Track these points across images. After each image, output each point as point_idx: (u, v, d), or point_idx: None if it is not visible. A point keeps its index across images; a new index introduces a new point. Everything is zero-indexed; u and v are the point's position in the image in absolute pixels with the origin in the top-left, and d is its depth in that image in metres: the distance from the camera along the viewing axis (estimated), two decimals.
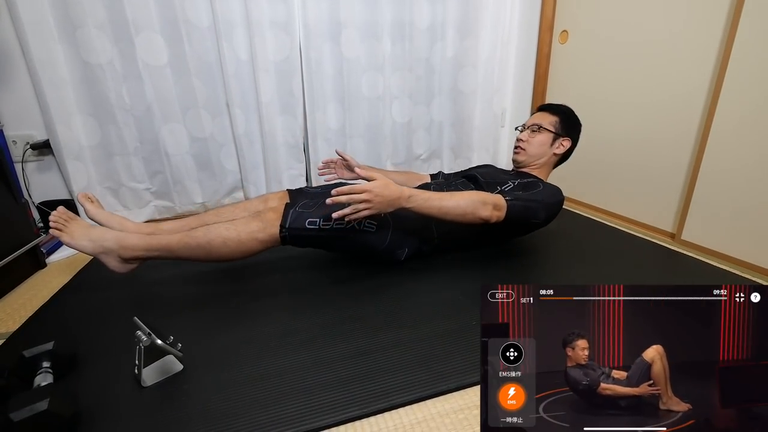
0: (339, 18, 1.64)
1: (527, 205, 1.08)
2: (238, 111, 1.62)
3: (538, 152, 1.27)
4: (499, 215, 1.04)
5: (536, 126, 1.26)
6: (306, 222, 1.01)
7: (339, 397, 0.69)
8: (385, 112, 1.83)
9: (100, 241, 0.98)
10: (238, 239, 0.98)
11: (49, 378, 0.70)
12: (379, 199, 0.90)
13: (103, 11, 1.38)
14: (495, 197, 1.04)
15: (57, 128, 1.41)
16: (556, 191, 1.17)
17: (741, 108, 1.18)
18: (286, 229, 1.00)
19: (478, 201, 1.01)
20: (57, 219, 0.99)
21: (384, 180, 0.92)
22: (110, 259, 0.99)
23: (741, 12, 1.15)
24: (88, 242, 0.98)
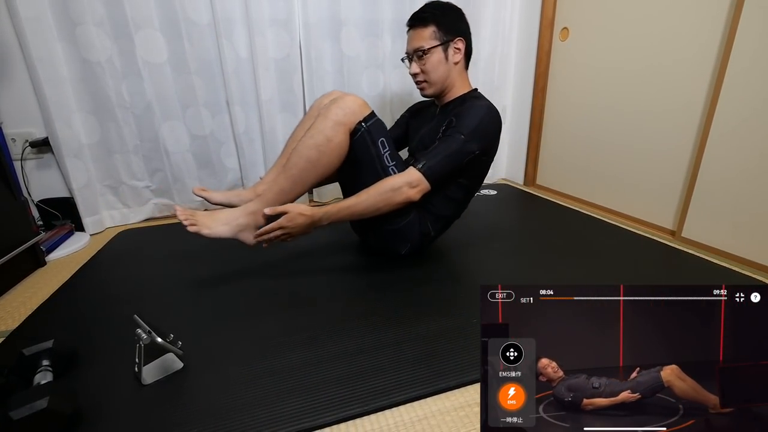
0: (339, 16, 1.63)
1: (446, 154, 1.01)
2: (238, 109, 1.61)
3: (440, 75, 1.12)
4: (421, 188, 1.01)
5: (420, 51, 1.11)
6: (380, 139, 1.02)
7: (340, 394, 0.69)
8: (385, 109, 1.83)
9: (233, 221, 1.01)
10: (326, 138, 0.98)
11: (48, 376, 0.70)
12: (295, 229, 0.98)
13: (103, 8, 1.37)
14: (404, 176, 1.00)
15: (56, 126, 1.40)
16: (475, 111, 1.04)
17: (741, 104, 1.18)
18: (365, 125, 1.01)
19: (386, 191, 0.99)
20: (186, 217, 1.00)
21: (292, 214, 0.97)
22: (247, 234, 1.02)
23: (742, 8, 1.15)
24: (224, 227, 1.01)
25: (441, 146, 1.03)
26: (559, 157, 1.95)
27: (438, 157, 1.02)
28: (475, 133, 1.03)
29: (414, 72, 1.15)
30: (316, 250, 1.31)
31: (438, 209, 1.15)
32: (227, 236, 1.01)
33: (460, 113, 1.06)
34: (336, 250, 1.30)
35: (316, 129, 0.99)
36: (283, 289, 1.07)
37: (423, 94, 1.20)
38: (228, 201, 1.14)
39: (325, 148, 0.99)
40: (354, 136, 1.01)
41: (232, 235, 1.02)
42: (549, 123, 1.97)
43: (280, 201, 1.01)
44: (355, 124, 1.00)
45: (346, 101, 1.01)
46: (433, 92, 1.17)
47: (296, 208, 0.97)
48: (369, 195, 1.00)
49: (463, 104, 1.11)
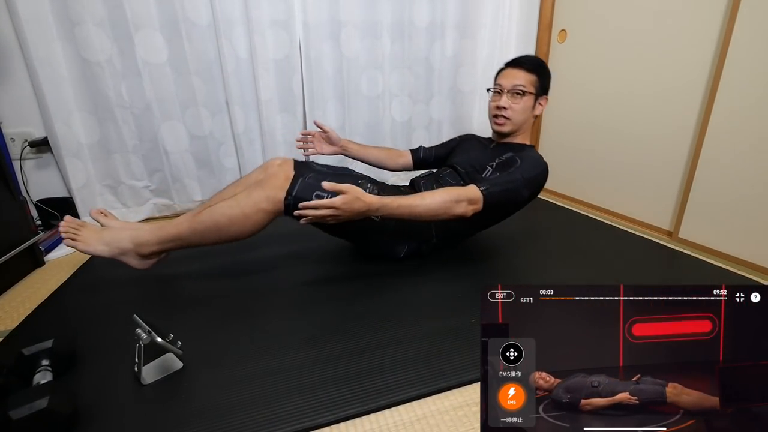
0: (339, 17, 1.63)
1: (506, 188, 1.04)
2: (237, 109, 1.61)
3: (522, 119, 1.15)
4: (476, 208, 1.02)
5: (520, 90, 1.13)
6: (314, 194, 0.99)
7: (339, 394, 0.69)
8: (384, 110, 1.83)
9: (115, 243, 0.99)
10: (243, 214, 0.97)
11: (48, 376, 0.70)
12: (347, 213, 0.91)
13: (103, 8, 1.37)
14: (469, 192, 1.01)
15: (56, 126, 1.40)
16: (535, 162, 1.10)
17: (738, 105, 1.19)
18: (292, 197, 0.98)
19: (449, 200, 0.99)
20: (67, 229, 0.98)
21: (352, 195, 0.90)
22: (129, 258, 1.01)
23: (737, 10, 1.16)
24: (104, 246, 0.99)
25: (503, 178, 1.06)
26: (556, 158, 1.95)
27: (498, 187, 1.03)
28: (532, 181, 1.08)
29: (503, 105, 1.15)
30: (316, 251, 1.31)
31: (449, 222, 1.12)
32: (105, 256, 0.99)
33: (524, 158, 1.10)
34: (335, 251, 1.30)
35: (236, 201, 0.98)
36: (282, 289, 1.07)
37: (499, 129, 1.20)
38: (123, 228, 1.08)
39: (237, 221, 0.97)
40: (289, 210, 0.99)
41: (111, 256, 1.00)
42: (547, 124, 1.98)
43: (172, 243, 1.00)
44: (283, 203, 0.99)
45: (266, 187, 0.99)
46: (509, 130, 1.18)
47: (356, 190, 0.91)
48: (434, 200, 0.98)
49: (522, 151, 1.14)
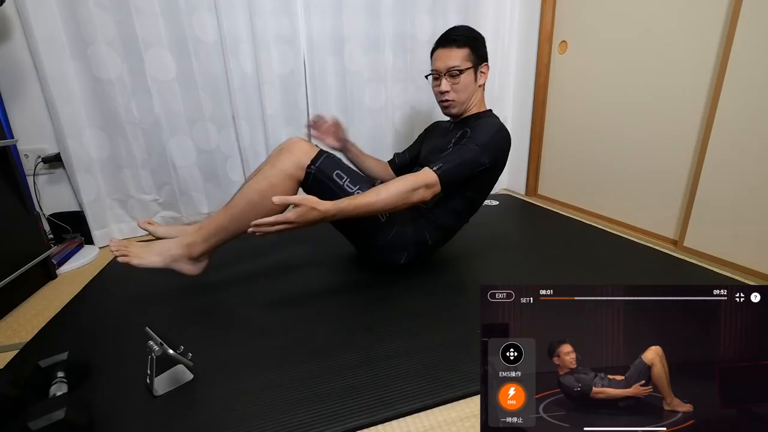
0: (342, 32, 1.67)
1: (460, 161, 1.03)
2: (243, 123, 1.65)
3: (468, 96, 1.16)
4: (434, 190, 1.01)
5: (455, 70, 1.13)
6: (334, 173, 1.01)
7: (347, 405, 0.70)
8: (387, 122, 1.86)
9: (166, 252, 1.01)
10: (270, 184, 0.98)
11: (63, 388, 0.71)
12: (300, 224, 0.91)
13: (114, 28, 1.42)
14: (422, 177, 1.00)
15: (68, 142, 1.44)
16: (488, 127, 1.08)
17: (740, 114, 1.20)
18: (315, 167, 1.00)
19: (405, 190, 0.98)
20: (119, 248, 1.00)
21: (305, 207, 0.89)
22: (182, 264, 1.02)
23: (737, 19, 1.17)
24: (156, 257, 1.00)
25: (456, 153, 1.05)
26: (560, 167, 1.97)
27: (452, 163, 1.03)
28: (488, 146, 1.06)
29: (445, 90, 1.16)
30: (320, 262, 1.33)
31: (438, 218, 1.17)
32: (160, 266, 1.01)
33: (475, 127, 1.10)
34: (339, 263, 1.32)
35: (262, 174, 1.01)
36: (289, 301, 1.09)
37: (448, 112, 1.21)
38: (171, 235, 1.12)
39: (267, 194, 0.98)
40: (308, 180, 1.02)
41: (165, 266, 1.01)
42: (549, 134, 1.99)
43: (216, 236, 1.02)
44: (305, 170, 1.01)
45: (293, 150, 1.01)
46: (458, 111, 1.19)
47: (309, 200, 0.91)
48: (389, 194, 0.98)
49: (477, 120, 1.15)
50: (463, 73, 1.13)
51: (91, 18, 1.37)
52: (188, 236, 1.03)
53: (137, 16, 1.42)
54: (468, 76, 1.14)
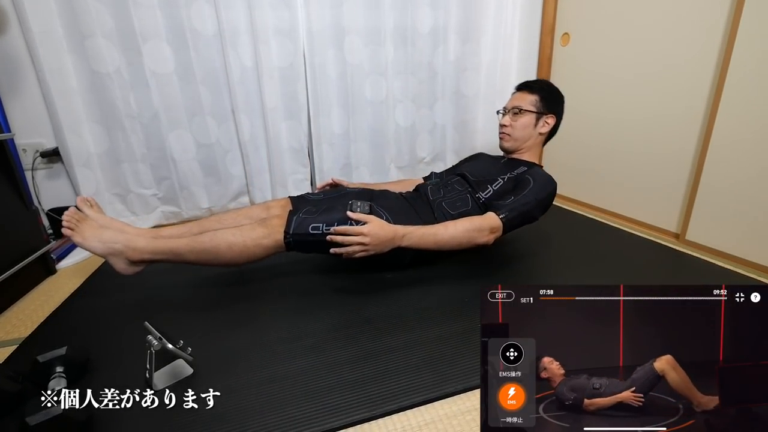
0: (342, 24, 1.65)
1: (521, 211, 1.09)
2: (243, 117, 1.64)
3: (523, 135, 1.24)
4: (497, 235, 1.07)
5: (517, 109, 1.23)
6: (309, 227, 1.03)
7: (347, 399, 0.70)
8: (388, 116, 1.84)
9: (110, 243, 0.99)
10: (244, 244, 1.00)
11: (62, 382, 0.71)
12: (375, 241, 0.97)
13: (111, 21, 1.40)
14: (489, 221, 1.05)
15: (66, 136, 1.43)
16: (546, 183, 1.15)
17: (743, 106, 1.19)
18: (290, 234, 1.02)
19: (473, 230, 1.03)
20: (69, 219, 1.00)
21: (378, 222, 0.99)
22: (118, 260, 1.00)
23: (741, 12, 1.16)
24: (98, 243, 0.99)
25: (519, 201, 1.10)
26: (562, 160, 1.95)
27: (515, 212, 1.08)
28: (543, 202, 1.13)
29: (503, 123, 1.26)
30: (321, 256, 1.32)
31: None
32: (97, 253, 0.99)
33: (537, 179, 1.14)
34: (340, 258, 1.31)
35: (240, 231, 1.01)
36: (289, 295, 1.09)
37: (501, 144, 1.30)
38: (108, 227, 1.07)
39: (236, 249, 0.99)
40: (290, 247, 1.03)
41: (102, 254, 1.00)
42: None
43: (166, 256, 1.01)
44: (283, 240, 1.02)
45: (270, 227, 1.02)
46: (509, 146, 1.27)
47: (379, 219, 0.99)
48: (457, 230, 1.03)
49: (531, 168, 1.19)
50: (523, 113, 1.22)
51: (88, 10, 1.36)
52: (140, 241, 1.00)
53: (135, 8, 1.40)
54: (528, 118, 1.22)
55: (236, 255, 1.00)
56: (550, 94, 1.25)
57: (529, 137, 1.24)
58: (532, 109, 1.22)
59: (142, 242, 1.01)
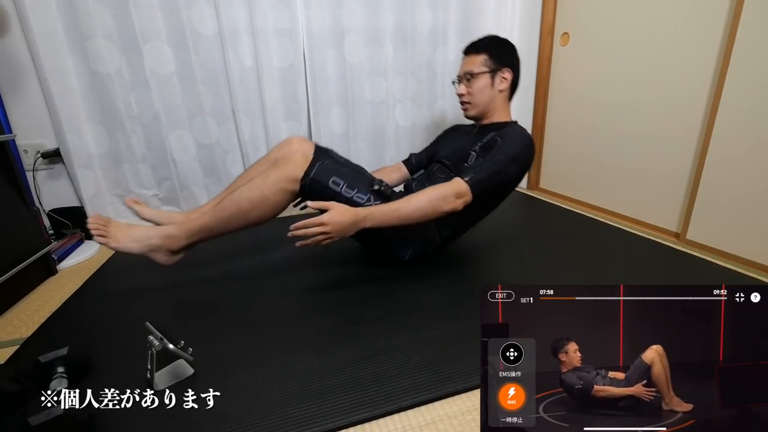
0: (342, 25, 1.66)
1: (491, 171, 1.05)
2: (243, 117, 1.64)
3: (483, 99, 1.19)
4: (466, 200, 1.03)
5: (469, 74, 1.19)
6: (330, 180, 1.02)
7: (347, 399, 0.70)
8: (388, 115, 1.84)
9: (145, 240, 0.99)
10: (263, 196, 0.99)
11: (64, 383, 0.71)
12: (336, 227, 0.94)
13: (112, 22, 1.40)
14: (454, 186, 1.02)
15: (67, 137, 1.43)
16: (518, 137, 1.10)
17: (743, 106, 1.19)
18: (309, 178, 1.01)
19: (436, 198, 1.00)
20: (97, 226, 0.98)
21: (338, 209, 0.95)
22: (159, 254, 1.01)
23: (741, 11, 1.16)
24: (134, 243, 0.99)
25: (487, 163, 1.06)
26: (562, 160, 1.95)
27: (484, 173, 1.04)
28: (517, 158, 1.08)
29: (460, 93, 1.23)
30: (321, 256, 1.32)
31: (450, 219, 1.15)
32: (136, 252, 1.00)
33: (505, 136, 1.10)
34: (341, 256, 1.31)
35: (255, 184, 1.00)
36: (290, 295, 1.09)
37: (466, 114, 1.26)
38: (156, 219, 1.13)
39: (258, 204, 0.99)
40: (304, 190, 1.02)
41: (141, 253, 1.00)
42: (551, 127, 1.98)
43: (199, 235, 1.01)
44: (299, 182, 1.01)
45: (287, 164, 1.01)
46: (474, 114, 1.23)
47: (340, 204, 0.96)
48: (419, 200, 1.00)
49: (504, 128, 1.15)
50: (475, 77, 1.18)
51: (89, 11, 1.36)
52: (171, 229, 1.01)
53: (135, 9, 1.40)
54: (482, 80, 1.18)
55: (262, 209, 0.99)
56: (498, 48, 1.19)
57: (490, 99, 1.20)
58: (484, 69, 1.17)
59: (173, 230, 1.01)
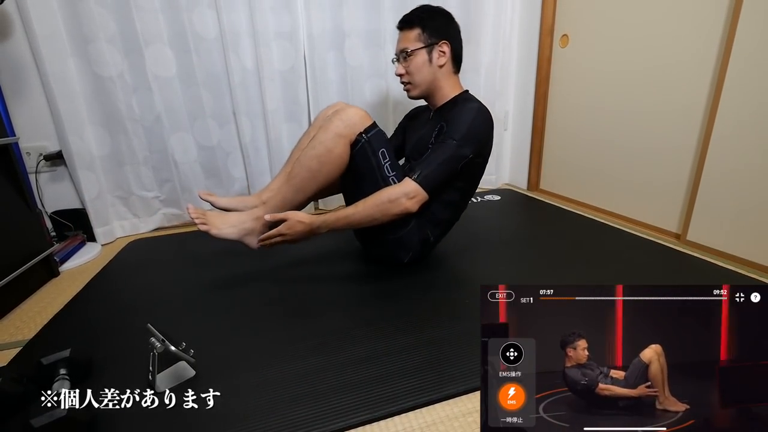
0: (342, 27, 1.66)
1: (440, 161, 1.01)
2: (244, 119, 1.64)
3: (423, 78, 1.13)
4: (419, 199, 1.02)
5: (405, 52, 1.12)
6: (380, 150, 1.04)
7: (349, 400, 0.70)
8: (388, 117, 1.85)
9: (240, 224, 1.06)
10: (326, 149, 1.01)
11: (66, 384, 0.71)
12: (293, 235, 1.02)
13: (114, 25, 1.41)
14: (402, 187, 1.01)
15: (69, 139, 1.44)
16: (465, 114, 1.04)
17: (742, 106, 1.19)
18: (366, 136, 1.03)
19: (384, 202, 1.01)
20: (198, 216, 1.04)
21: (291, 221, 1.01)
22: (252, 238, 1.07)
23: (740, 12, 1.16)
24: (232, 229, 1.05)
25: (434, 154, 1.03)
26: (562, 161, 1.95)
27: (432, 165, 1.02)
28: (467, 137, 1.02)
29: (398, 73, 1.17)
30: (322, 258, 1.33)
31: (436, 215, 1.15)
32: (233, 238, 1.06)
33: (451, 118, 1.06)
34: (341, 259, 1.32)
35: (317, 140, 1.02)
36: (290, 297, 1.09)
37: (409, 95, 1.20)
38: (232, 206, 1.17)
39: (325, 159, 1.02)
40: (355, 147, 1.03)
41: (238, 238, 1.07)
42: (551, 128, 1.98)
43: (284, 208, 1.06)
44: (356, 136, 1.03)
45: (348, 113, 1.03)
46: (417, 94, 1.18)
47: (295, 215, 1.01)
48: (366, 206, 1.02)
49: (453, 108, 1.10)
50: (411, 54, 1.12)
51: (91, 15, 1.37)
52: (258, 211, 1.07)
53: (137, 12, 1.41)
54: (419, 57, 1.11)
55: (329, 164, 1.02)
56: (432, 20, 1.11)
57: (431, 77, 1.13)
58: (419, 45, 1.10)
59: (260, 210, 1.07)
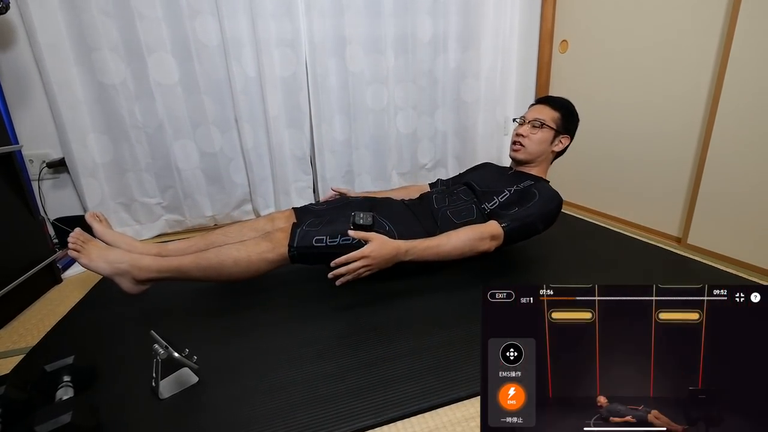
0: (344, 34, 1.68)
1: (524, 222, 1.10)
2: (246, 126, 1.65)
3: (538, 150, 1.23)
4: (497, 243, 1.09)
5: (539, 122, 1.21)
6: (313, 240, 1.03)
7: (352, 406, 0.70)
8: (389, 123, 1.86)
9: (116, 263, 1.00)
10: (249, 260, 1.00)
11: (70, 392, 0.72)
12: (378, 260, 1.00)
13: (117, 34, 1.43)
14: (491, 228, 1.07)
15: (72, 147, 1.45)
16: (552, 198, 1.16)
17: (742, 110, 1.20)
18: (294, 248, 1.02)
19: (474, 239, 1.06)
20: (75, 241, 1.01)
21: (379, 241, 1.00)
22: (124, 280, 1.01)
23: (737, 18, 1.17)
24: (104, 264, 1.00)
25: (522, 213, 1.11)
26: (562, 166, 1.95)
27: (518, 223, 1.10)
28: (547, 216, 1.14)
29: (522, 133, 1.23)
30: None
31: None
32: (103, 273, 1.01)
33: (542, 192, 1.15)
34: None
35: (245, 246, 1.01)
36: (293, 302, 1.09)
37: (512, 155, 1.27)
38: (114, 241, 1.13)
39: (242, 265, 1.00)
40: (294, 260, 1.03)
41: (108, 275, 1.01)
42: None
43: (172, 274, 1.01)
44: (287, 254, 1.02)
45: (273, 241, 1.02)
46: (521, 158, 1.25)
47: (382, 237, 1.00)
48: (459, 239, 1.05)
49: (539, 182, 1.20)
50: (544, 127, 1.21)
51: (94, 24, 1.38)
52: (144, 260, 1.01)
53: (140, 21, 1.43)
54: (547, 133, 1.21)
55: (242, 270, 1.01)
56: (570, 115, 1.24)
57: (542, 153, 1.23)
58: (552, 125, 1.21)
59: (147, 261, 1.01)
